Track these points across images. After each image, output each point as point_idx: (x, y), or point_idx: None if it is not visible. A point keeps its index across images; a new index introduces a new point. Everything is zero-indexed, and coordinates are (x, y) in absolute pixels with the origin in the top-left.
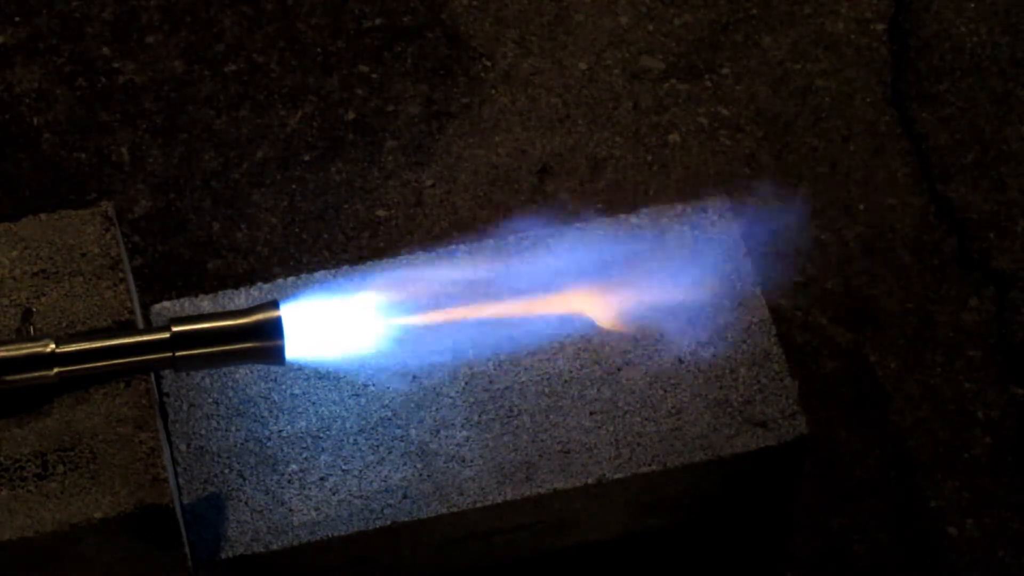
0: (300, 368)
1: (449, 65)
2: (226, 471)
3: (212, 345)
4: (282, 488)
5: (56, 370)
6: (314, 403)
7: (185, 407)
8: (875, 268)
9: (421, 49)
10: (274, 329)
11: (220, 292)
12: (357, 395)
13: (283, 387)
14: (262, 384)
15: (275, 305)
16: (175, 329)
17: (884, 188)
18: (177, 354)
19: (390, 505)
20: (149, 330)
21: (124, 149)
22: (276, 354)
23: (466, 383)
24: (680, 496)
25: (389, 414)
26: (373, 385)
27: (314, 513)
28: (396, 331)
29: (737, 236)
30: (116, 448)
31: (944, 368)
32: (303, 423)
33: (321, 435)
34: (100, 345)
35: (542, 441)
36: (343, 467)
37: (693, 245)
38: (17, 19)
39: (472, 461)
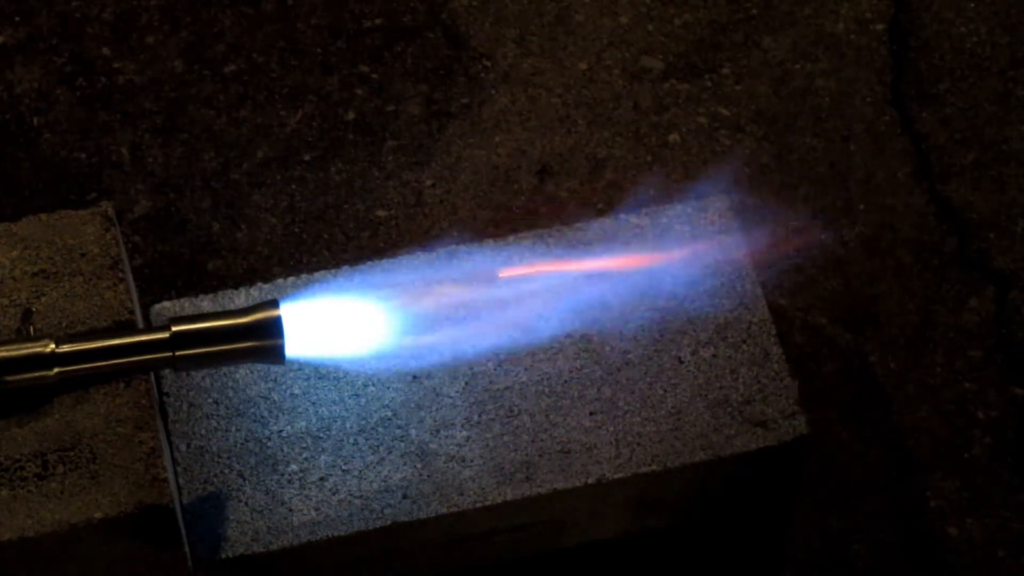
0: (300, 368)
1: (449, 65)
2: (226, 471)
3: (212, 344)
4: (282, 488)
5: (56, 370)
6: (314, 403)
7: (185, 407)
8: (875, 268)
9: (421, 49)
10: (274, 328)
11: (220, 292)
12: (357, 395)
13: (283, 387)
14: (262, 384)
15: (275, 304)
16: (175, 329)
17: (884, 188)
18: (177, 353)
19: (390, 505)
20: (149, 330)
21: (124, 149)
22: (276, 353)
23: (466, 383)
24: (680, 496)
25: (389, 414)
26: (373, 385)
27: (314, 513)
28: (396, 331)
29: (737, 236)
30: (116, 448)
31: (944, 368)
32: (303, 423)
33: (321, 435)
34: (100, 345)
35: (542, 441)
36: (343, 467)
37: (693, 245)
38: (17, 19)
39: (472, 461)
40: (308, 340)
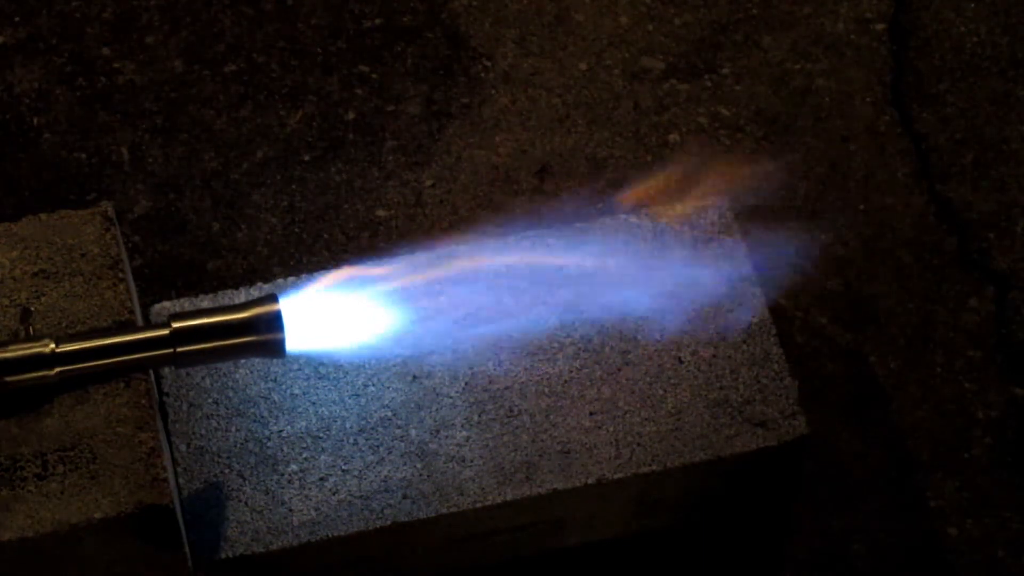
0: (300, 368)
1: (449, 65)
2: (226, 471)
3: (212, 340)
4: (282, 488)
5: (57, 370)
6: (314, 403)
7: (185, 407)
8: (875, 268)
9: (421, 49)
10: (274, 322)
11: (220, 292)
12: (357, 395)
13: (283, 387)
14: (262, 384)
15: (274, 298)
16: (175, 325)
17: (884, 188)
18: (178, 350)
19: (390, 505)
20: (149, 327)
21: (124, 149)
22: (277, 347)
23: (466, 383)
24: (680, 496)
25: (389, 414)
26: (373, 385)
27: (314, 513)
28: (396, 330)
29: (737, 236)
30: (116, 448)
31: (944, 368)
32: (303, 423)
33: (321, 435)
34: (100, 344)
35: (542, 441)
36: (343, 467)
37: (693, 245)
38: (17, 19)
39: (472, 461)
40: (308, 334)
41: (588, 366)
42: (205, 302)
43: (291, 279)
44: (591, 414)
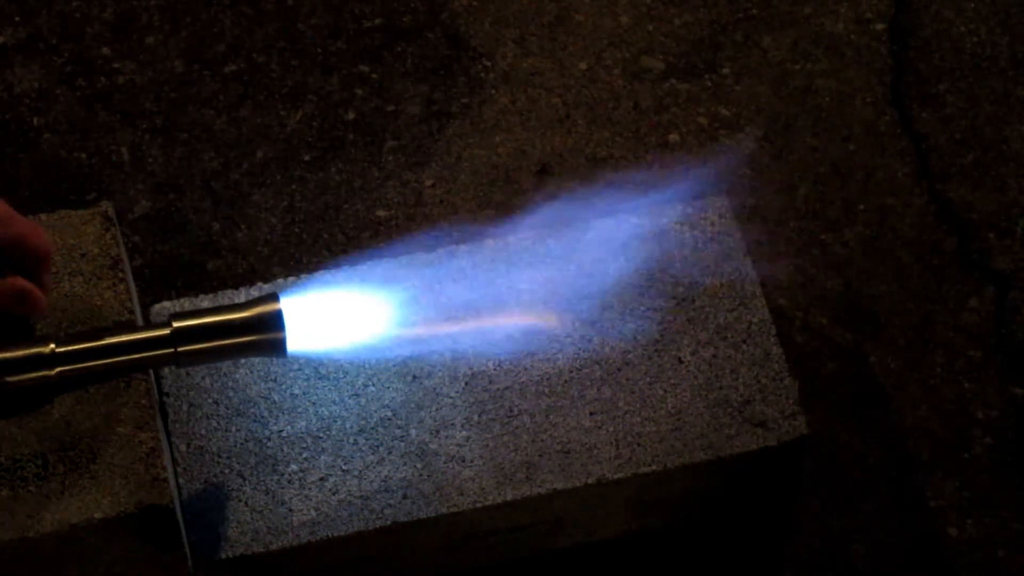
0: (300, 368)
1: (449, 65)
2: (226, 471)
3: (214, 339)
4: (282, 488)
5: (57, 370)
6: (314, 403)
7: (185, 407)
8: (875, 268)
9: (421, 49)
10: (275, 321)
11: (220, 292)
12: (357, 395)
13: (283, 387)
14: (262, 384)
15: (275, 298)
16: (176, 325)
17: (884, 188)
18: (179, 350)
19: (390, 505)
20: (149, 327)
21: (124, 149)
22: (278, 346)
23: (466, 383)
24: (680, 496)
25: (389, 414)
26: (373, 385)
27: (314, 513)
28: (396, 330)
29: (737, 236)
30: (116, 448)
31: (944, 368)
32: (303, 423)
33: (321, 435)
34: (101, 344)
35: (542, 441)
36: (343, 467)
37: (693, 245)
38: (17, 19)
39: (472, 461)
40: (309, 334)
41: (588, 366)
42: (205, 302)
43: (291, 279)
44: (591, 414)
